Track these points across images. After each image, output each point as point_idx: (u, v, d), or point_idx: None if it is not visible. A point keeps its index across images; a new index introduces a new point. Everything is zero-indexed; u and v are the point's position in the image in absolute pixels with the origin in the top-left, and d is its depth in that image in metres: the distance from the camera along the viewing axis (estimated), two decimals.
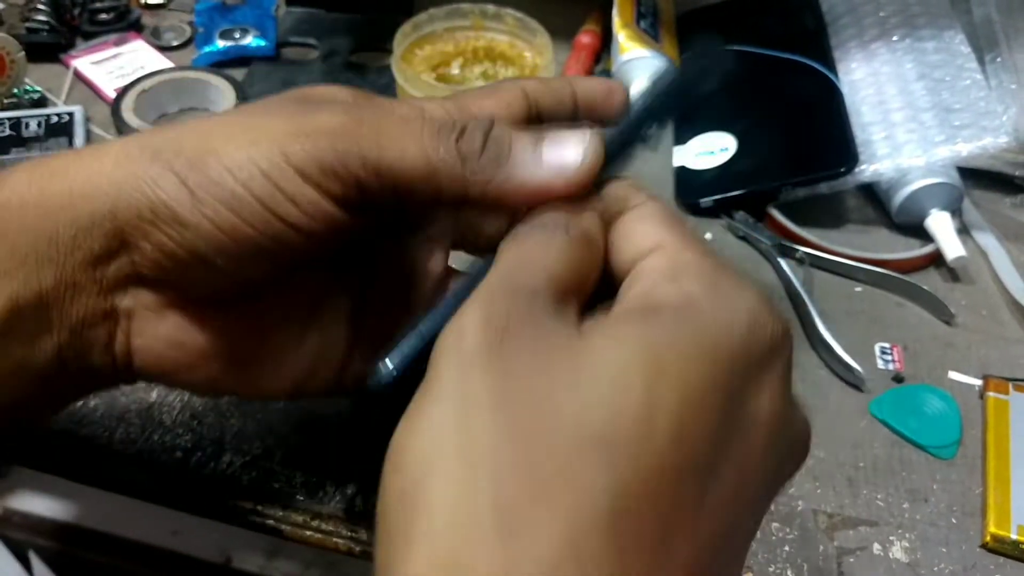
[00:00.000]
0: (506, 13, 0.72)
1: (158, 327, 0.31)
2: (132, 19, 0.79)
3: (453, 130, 0.29)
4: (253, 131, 0.29)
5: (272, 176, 0.28)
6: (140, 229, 0.29)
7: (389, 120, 0.29)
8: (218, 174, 0.28)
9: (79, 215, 0.29)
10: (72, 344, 0.30)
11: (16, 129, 0.64)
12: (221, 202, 0.28)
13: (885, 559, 0.43)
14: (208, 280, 0.30)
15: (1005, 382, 0.51)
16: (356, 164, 0.28)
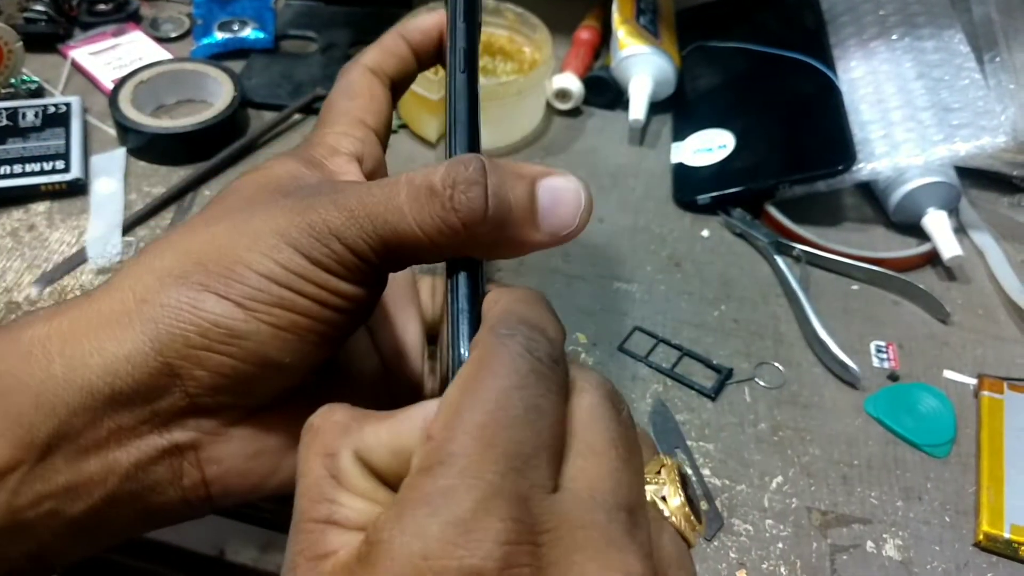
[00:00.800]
0: (506, 8, 0.72)
1: (228, 448, 0.31)
2: (130, 10, 0.79)
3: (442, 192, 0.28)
4: (265, 236, 0.29)
5: (306, 275, 0.28)
6: (191, 357, 0.28)
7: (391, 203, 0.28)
8: (257, 281, 0.28)
9: (114, 363, 0.28)
10: (127, 490, 0.29)
11: (13, 119, 0.63)
12: (272, 304, 0.28)
13: (878, 557, 0.43)
14: (273, 383, 0.30)
15: (1000, 381, 0.51)
16: (365, 248, 0.28)
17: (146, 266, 0.29)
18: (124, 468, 0.29)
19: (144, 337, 0.28)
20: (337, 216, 0.28)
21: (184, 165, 0.64)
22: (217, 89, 0.68)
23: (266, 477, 0.31)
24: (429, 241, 0.28)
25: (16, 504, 0.28)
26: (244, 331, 0.28)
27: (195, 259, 0.29)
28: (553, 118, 0.72)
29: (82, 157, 0.62)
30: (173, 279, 0.28)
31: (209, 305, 0.28)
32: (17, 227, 0.58)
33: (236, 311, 0.28)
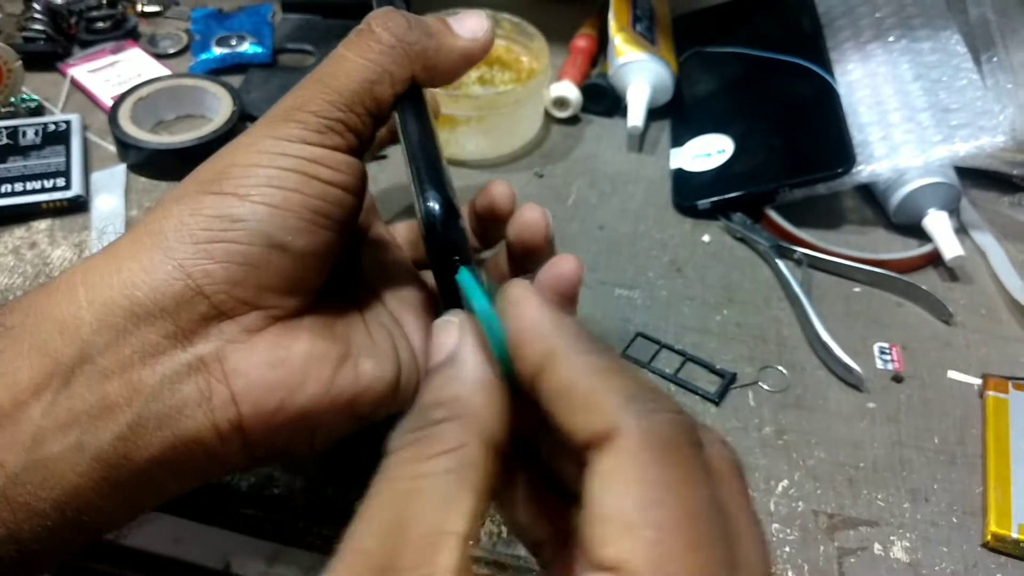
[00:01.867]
0: (503, 18, 0.72)
1: (253, 356, 0.31)
2: (129, 27, 0.80)
3: (368, 28, 0.33)
4: (248, 140, 0.32)
5: (285, 151, 0.31)
6: (200, 253, 0.29)
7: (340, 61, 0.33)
8: (243, 172, 0.31)
9: (130, 275, 0.30)
10: (153, 412, 0.29)
11: (13, 138, 0.64)
12: (262, 185, 0.30)
13: (886, 559, 0.43)
14: (287, 272, 0.31)
15: (1004, 381, 0.51)
16: (326, 105, 0.32)
17: (159, 204, 0.32)
18: (149, 387, 0.29)
19: (157, 249, 0.29)
20: (297, 98, 0.32)
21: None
22: (216, 104, 0.68)
23: (294, 391, 0.31)
24: (377, 66, 0.32)
25: (42, 437, 0.28)
26: (241, 214, 0.30)
27: (191, 180, 0.31)
28: (552, 126, 0.73)
29: (83, 174, 0.62)
30: (175, 200, 0.31)
31: (208, 203, 0.30)
32: (19, 245, 0.58)
33: (231, 200, 0.30)
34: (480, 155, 0.68)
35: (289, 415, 0.31)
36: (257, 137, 0.31)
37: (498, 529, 0.42)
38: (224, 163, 0.31)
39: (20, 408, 0.28)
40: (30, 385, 0.28)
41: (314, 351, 0.32)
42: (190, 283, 0.29)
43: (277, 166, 0.30)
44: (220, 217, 0.30)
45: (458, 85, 0.70)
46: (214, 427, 0.30)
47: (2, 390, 0.28)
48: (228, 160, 0.31)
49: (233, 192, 0.30)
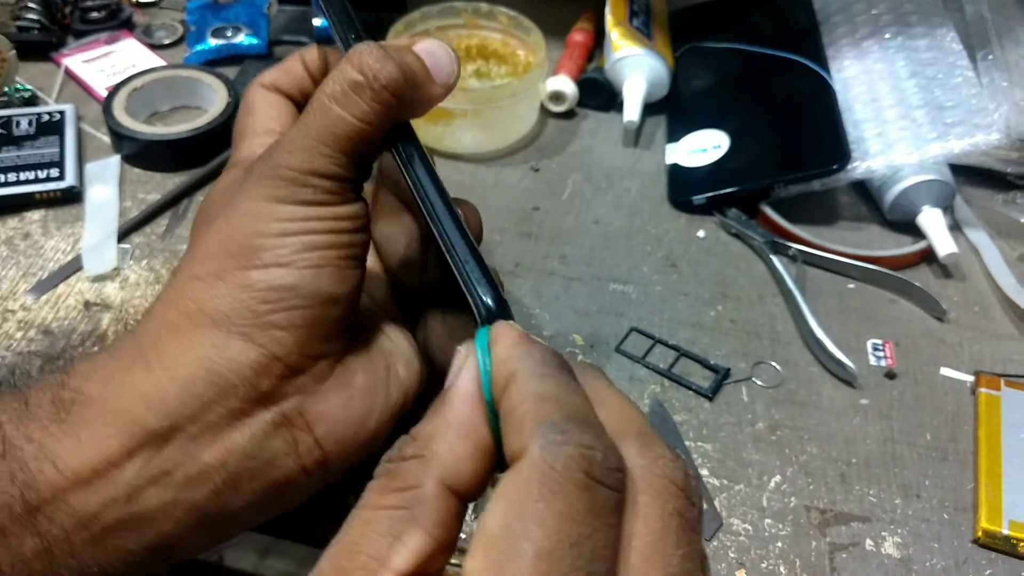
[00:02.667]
0: (499, 11, 0.72)
1: (328, 402, 0.33)
2: (123, 17, 0.79)
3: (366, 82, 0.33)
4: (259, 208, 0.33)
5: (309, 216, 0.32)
6: (265, 325, 0.32)
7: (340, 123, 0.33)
8: (277, 243, 0.32)
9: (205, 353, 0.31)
10: (247, 468, 0.32)
11: (7, 128, 0.63)
12: (300, 252, 0.32)
13: (877, 555, 0.43)
14: (339, 317, 0.33)
15: (997, 378, 0.51)
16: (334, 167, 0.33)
17: (186, 276, 0.33)
18: (240, 447, 0.31)
19: (222, 327, 0.31)
20: (296, 156, 0.32)
21: (179, 172, 0.64)
22: (211, 95, 0.68)
23: (365, 420, 0.34)
24: (374, 127, 0.32)
25: (135, 494, 0.30)
26: (292, 282, 0.32)
27: (220, 255, 0.32)
28: (548, 120, 0.73)
29: (76, 165, 0.62)
30: (214, 276, 0.32)
31: (256, 278, 0.31)
32: (12, 235, 0.58)
33: (279, 271, 0.32)
34: (476, 149, 0.68)
35: (364, 441, 0.35)
36: (276, 204, 0.32)
37: None
38: (249, 233, 0.32)
39: (113, 467, 0.30)
40: (121, 449, 0.30)
41: (370, 379, 0.35)
42: (263, 352, 0.31)
43: (307, 231, 0.32)
44: (273, 289, 0.31)
45: None
46: (302, 469, 0.33)
47: (93, 454, 0.30)
48: (252, 230, 0.32)
49: (276, 263, 0.32)
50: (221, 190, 0.36)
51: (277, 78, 0.42)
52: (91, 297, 0.54)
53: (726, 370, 0.52)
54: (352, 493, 0.41)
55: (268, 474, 0.32)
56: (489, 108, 0.65)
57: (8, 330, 0.51)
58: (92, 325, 0.52)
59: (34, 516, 0.29)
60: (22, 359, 0.50)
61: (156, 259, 0.57)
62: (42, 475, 0.29)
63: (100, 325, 0.52)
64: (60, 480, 0.29)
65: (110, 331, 0.52)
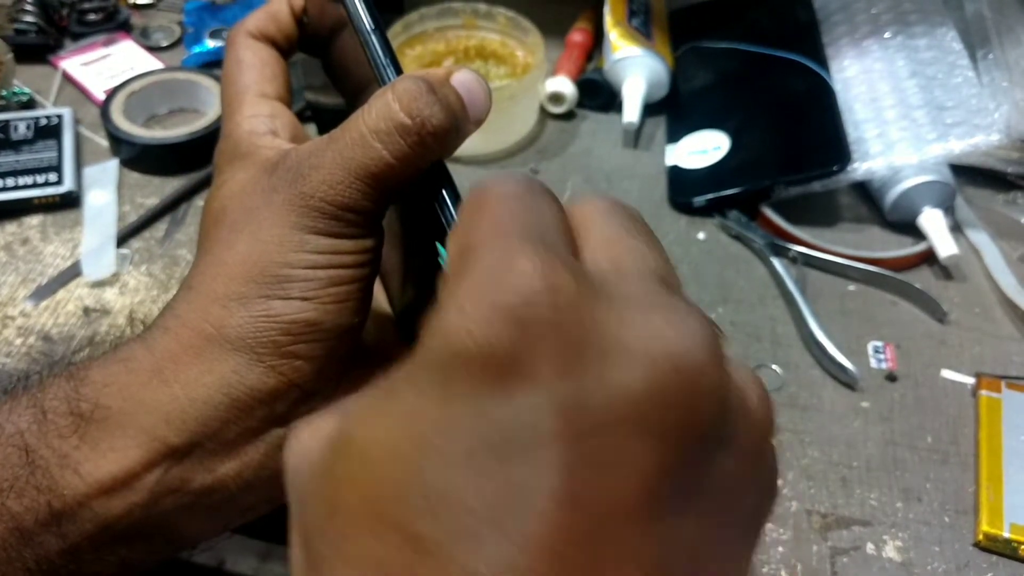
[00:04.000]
0: (498, 12, 0.72)
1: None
2: (121, 19, 0.79)
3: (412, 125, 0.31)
4: (288, 235, 0.32)
5: (338, 249, 0.32)
6: (286, 355, 0.32)
7: (375, 156, 0.32)
8: (304, 275, 0.32)
9: (224, 377, 0.32)
10: (260, 477, 0.33)
11: (5, 132, 0.63)
12: (326, 286, 0.32)
13: (879, 559, 0.43)
14: (355, 345, 0.34)
15: (998, 380, 0.51)
16: (367, 203, 0.32)
17: (205, 297, 0.32)
18: (257, 461, 0.33)
19: (242, 353, 0.31)
20: (332, 189, 0.31)
21: (177, 175, 0.64)
22: (209, 98, 0.68)
23: None
24: (410, 167, 0.31)
25: (155, 500, 0.31)
26: (316, 318, 0.32)
27: (242, 279, 0.32)
28: (547, 121, 0.72)
29: (75, 169, 0.62)
30: (237, 302, 0.32)
31: (279, 309, 0.31)
32: (11, 241, 0.58)
33: (303, 304, 0.32)
34: (475, 151, 0.67)
35: None
36: (301, 234, 0.32)
37: None
38: (276, 262, 0.32)
39: (135, 479, 0.31)
40: (143, 461, 0.31)
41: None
42: (283, 379, 0.32)
43: (335, 264, 0.32)
44: (296, 323, 0.32)
45: None
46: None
47: (116, 464, 0.31)
48: (279, 259, 0.32)
49: (301, 296, 0.32)
50: (243, 191, 0.35)
51: (263, 24, 0.40)
52: (90, 303, 0.54)
53: None
54: None
55: (279, 478, 0.33)
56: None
57: (8, 336, 0.51)
58: (92, 331, 0.52)
59: (59, 520, 0.30)
60: (24, 364, 0.50)
61: (155, 264, 0.57)
62: (66, 482, 0.30)
63: (100, 331, 0.52)
64: (84, 488, 0.30)
65: (110, 337, 0.52)
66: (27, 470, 0.30)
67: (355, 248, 0.33)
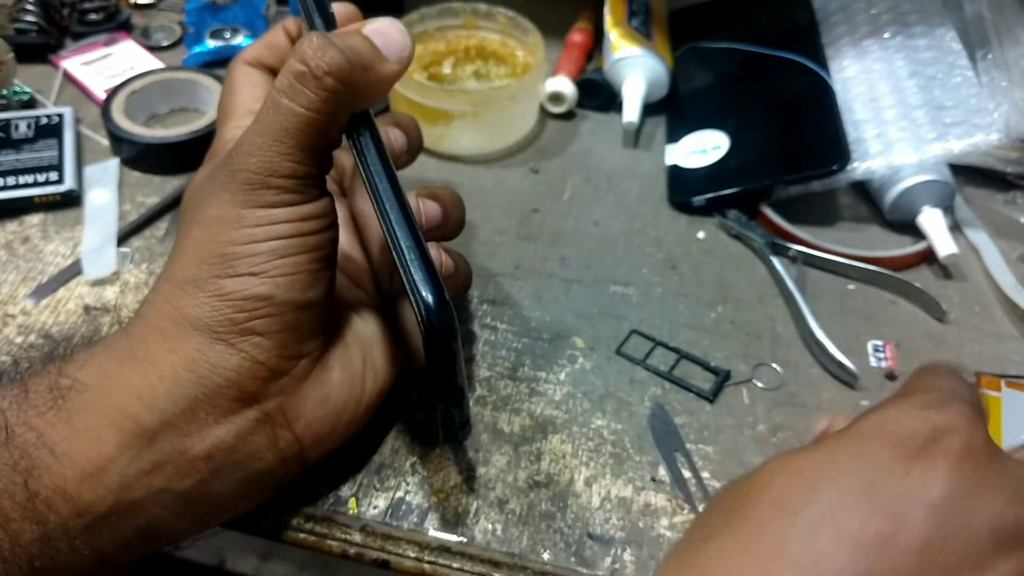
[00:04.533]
0: (498, 12, 0.72)
1: (306, 400, 0.36)
2: (122, 19, 0.79)
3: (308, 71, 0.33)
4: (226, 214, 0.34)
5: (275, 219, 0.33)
6: (244, 331, 0.33)
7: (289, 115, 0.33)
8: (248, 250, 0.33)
9: (190, 356, 0.33)
10: (231, 461, 0.34)
11: (6, 131, 0.63)
12: (271, 259, 0.33)
13: None
14: (314, 320, 0.35)
15: (997, 379, 0.51)
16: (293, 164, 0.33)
17: (169, 283, 0.34)
18: (226, 443, 0.33)
19: (202, 333, 0.33)
20: (253, 157, 0.33)
21: (178, 175, 0.64)
22: (209, 97, 0.68)
23: (340, 414, 0.37)
24: (326, 115, 0.33)
25: (128, 484, 0.32)
26: (266, 291, 0.33)
27: (196, 263, 0.33)
28: (547, 121, 0.72)
29: (75, 168, 0.62)
30: (192, 284, 0.33)
31: (231, 287, 0.33)
32: (11, 239, 0.58)
33: (251, 280, 0.33)
34: (475, 150, 0.68)
35: (340, 434, 0.38)
36: (242, 209, 0.33)
37: (492, 526, 0.42)
38: (220, 241, 0.33)
39: (108, 461, 0.32)
40: (116, 443, 0.32)
41: (345, 375, 0.37)
42: (245, 356, 0.33)
43: (276, 236, 0.33)
44: (248, 299, 0.33)
45: (452, 79, 0.70)
46: (282, 462, 0.36)
47: (89, 445, 0.31)
48: (222, 238, 0.33)
49: (249, 272, 0.33)
50: (201, 182, 0.37)
51: (259, 52, 0.42)
52: (91, 301, 0.54)
53: (727, 372, 0.52)
54: (327, 485, 0.42)
55: (250, 465, 0.34)
56: (488, 109, 0.65)
57: (8, 335, 0.51)
58: (92, 329, 0.52)
59: (34, 503, 0.30)
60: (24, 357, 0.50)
61: (155, 263, 0.57)
62: (43, 463, 0.31)
63: (100, 329, 0.52)
64: (59, 469, 0.31)
65: (110, 335, 0.52)
66: (6, 449, 0.31)
67: (295, 215, 0.33)
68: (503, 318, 0.54)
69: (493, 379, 0.50)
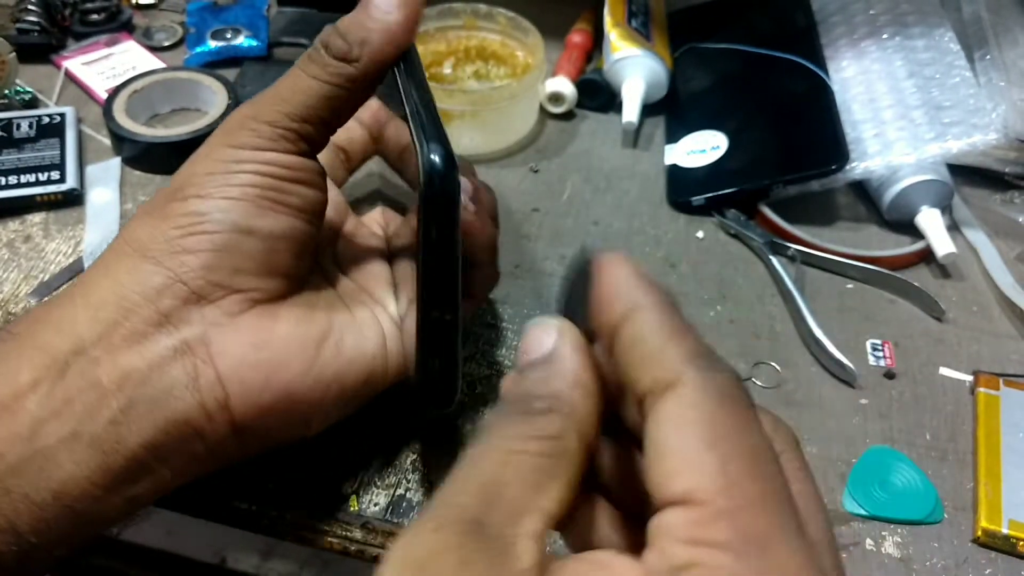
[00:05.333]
0: (498, 12, 0.72)
1: (236, 337, 0.33)
2: (123, 19, 0.79)
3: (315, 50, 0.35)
4: (206, 147, 0.36)
5: (239, 158, 0.34)
6: (175, 247, 0.33)
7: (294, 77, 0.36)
8: (203, 176, 0.34)
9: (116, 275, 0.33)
10: (144, 395, 0.31)
11: (7, 130, 0.63)
12: (221, 184, 0.34)
13: (877, 554, 0.44)
14: (257, 256, 0.34)
15: (995, 377, 0.51)
16: (278, 115, 0.35)
17: (134, 219, 0.35)
18: (139, 371, 0.31)
19: (136, 252, 0.33)
20: (255, 104, 0.35)
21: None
22: (211, 97, 0.68)
23: (277, 369, 0.34)
24: (326, 88, 0.35)
25: (38, 426, 0.30)
26: (205, 208, 0.33)
27: (159, 196, 0.35)
28: (547, 121, 0.73)
29: (77, 167, 0.62)
30: (146, 213, 0.34)
31: (174, 207, 0.33)
32: (13, 238, 0.58)
33: (194, 200, 0.33)
34: (475, 150, 0.68)
35: (275, 394, 0.33)
36: (214, 147, 0.35)
37: None
38: (185, 174, 0.35)
39: (18, 400, 0.30)
40: (28, 379, 0.31)
41: (295, 331, 0.35)
42: (169, 274, 0.32)
43: (232, 171, 0.34)
44: (187, 215, 0.33)
45: (453, 79, 0.70)
46: (202, 407, 0.32)
47: (3, 386, 0.31)
48: (188, 171, 0.35)
49: (195, 195, 0.33)
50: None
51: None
52: None
53: None
54: (328, 482, 0.42)
55: (166, 405, 0.31)
56: (488, 109, 0.65)
57: None
58: None
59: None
60: None
61: None
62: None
63: None
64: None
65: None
66: None
67: (258, 159, 0.34)
68: (503, 317, 0.54)
69: (493, 377, 0.50)
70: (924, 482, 0.46)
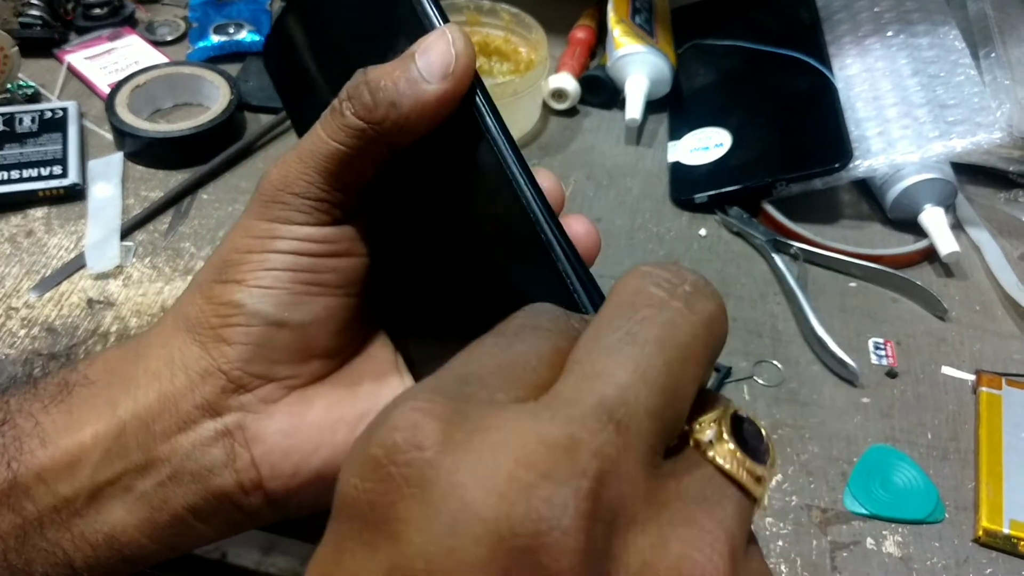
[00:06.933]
0: (502, 9, 0.72)
1: (270, 425, 0.34)
2: (126, 14, 0.79)
3: (338, 106, 0.32)
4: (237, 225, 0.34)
5: (270, 234, 0.33)
6: (216, 337, 0.33)
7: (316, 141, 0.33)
8: (238, 258, 0.33)
9: (169, 359, 0.33)
10: (188, 469, 0.33)
11: (9, 125, 0.63)
12: (255, 270, 0.33)
13: (878, 554, 0.44)
14: (292, 346, 0.34)
15: (998, 377, 0.51)
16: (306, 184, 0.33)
17: (188, 288, 0.35)
18: (184, 449, 0.33)
19: (189, 332, 0.33)
20: (275, 173, 0.33)
21: (181, 169, 0.64)
22: (213, 92, 0.68)
23: (308, 455, 0.34)
24: (350, 148, 0.32)
25: (98, 479, 0.32)
26: (241, 299, 0.33)
27: (208, 267, 0.34)
28: (550, 118, 0.73)
29: (79, 162, 0.62)
30: (198, 286, 0.34)
31: (217, 291, 0.33)
32: (15, 233, 0.58)
33: (232, 286, 0.33)
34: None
35: (305, 477, 0.35)
36: (252, 220, 0.34)
37: None
38: (228, 248, 0.34)
39: (84, 450, 0.32)
40: (92, 429, 0.32)
41: (327, 417, 0.35)
42: (212, 362, 0.33)
43: (268, 249, 0.33)
44: (226, 304, 0.33)
45: None
46: (239, 485, 0.34)
47: (72, 434, 0.32)
48: (231, 245, 0.34)
49: (234, 279, 0.33)
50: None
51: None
52: (94, 295, 0.54)
53: (727, 369, 0.52)
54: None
55: (207, 480, 0.33)
56: None
57: (11, 328, 0.51)
58: (95, 323, 0.52)
59: (14, 487, 0.31)
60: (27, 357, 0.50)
61: (159, 257, 0.57)
62: (30, 449, 0.32)
63: (103, 323, 0.52)
64: (42, 455, 0.32)
65: (113, 328, 0.52)
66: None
67: (294, 234, 0.33)
68: None
69: None
70: (925, 481, 0.46)
